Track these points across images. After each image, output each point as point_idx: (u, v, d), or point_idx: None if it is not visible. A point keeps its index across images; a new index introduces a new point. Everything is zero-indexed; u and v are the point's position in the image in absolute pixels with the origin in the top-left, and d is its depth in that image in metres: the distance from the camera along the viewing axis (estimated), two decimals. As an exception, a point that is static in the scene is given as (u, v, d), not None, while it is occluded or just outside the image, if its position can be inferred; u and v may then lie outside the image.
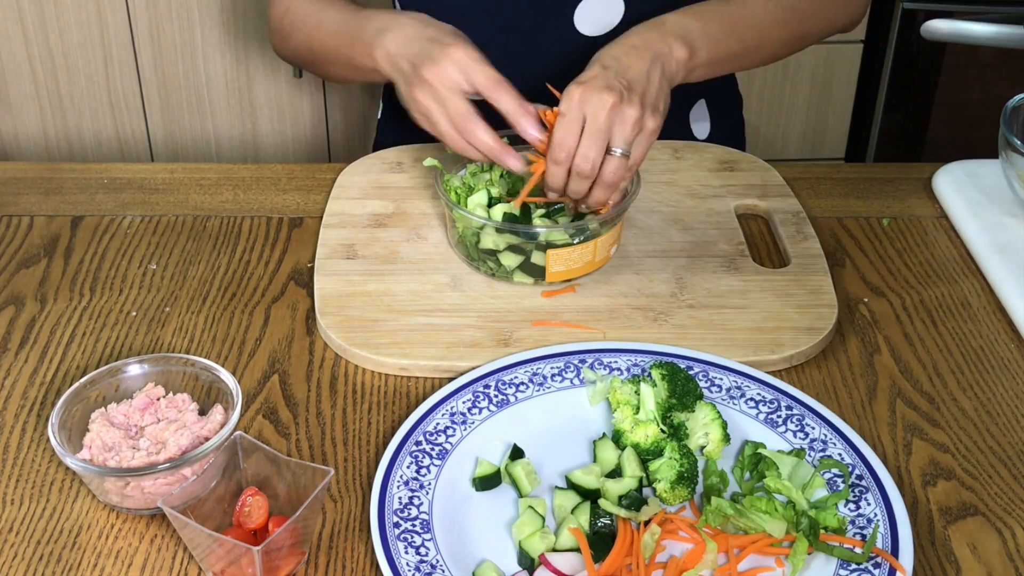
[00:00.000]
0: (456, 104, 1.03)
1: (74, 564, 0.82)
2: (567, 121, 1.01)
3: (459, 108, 1.03)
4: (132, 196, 1.26)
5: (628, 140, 1.02)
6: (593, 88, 1.01)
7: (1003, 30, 2.20)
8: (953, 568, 0.83)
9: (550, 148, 1.02)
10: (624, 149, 1.02)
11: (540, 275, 1.08)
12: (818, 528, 0.82)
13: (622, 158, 1.02)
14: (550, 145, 1.02)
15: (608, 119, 1.00)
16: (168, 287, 1.11)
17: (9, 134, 2.37)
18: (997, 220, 1.19)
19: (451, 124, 1.04)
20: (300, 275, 1.13)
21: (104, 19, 2.24)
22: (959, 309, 1.10)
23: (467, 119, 1.03)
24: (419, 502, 0.84)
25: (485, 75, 1.03)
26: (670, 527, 0.83)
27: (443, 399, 0.93)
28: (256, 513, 0.81)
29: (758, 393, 0.95)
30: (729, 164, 1.29)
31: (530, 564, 0.81)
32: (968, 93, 2.35)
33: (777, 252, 1.17)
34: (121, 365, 0.91)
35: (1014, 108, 1.18)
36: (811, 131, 2.50)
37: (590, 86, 1.01)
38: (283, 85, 2.34)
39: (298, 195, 1.27)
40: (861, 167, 1.35)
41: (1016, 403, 0.98)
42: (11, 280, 1.12)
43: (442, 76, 1.03)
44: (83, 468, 0.83)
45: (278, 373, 1.00)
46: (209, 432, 0.87)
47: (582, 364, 0.98)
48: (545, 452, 0.91)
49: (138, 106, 2.34)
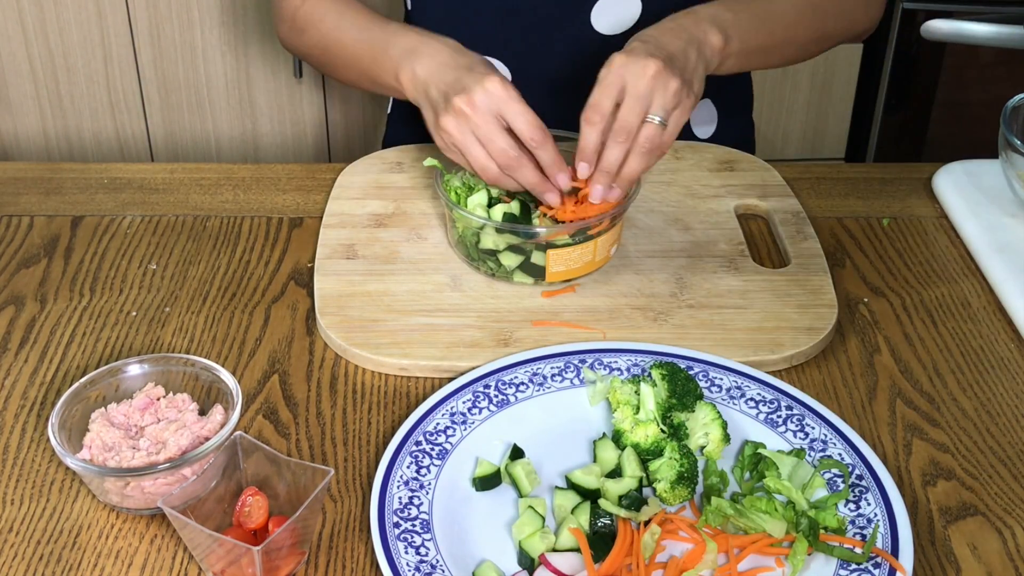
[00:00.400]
0: (500, 140, 1.01)
1: (74, 564, 0.82)
2: (605, 84, 1.00)
3: (503, 145, 1.01)
4: (132, 196, 1.26)
5: (668, 109, 1.00)
6: (636, 55, 1.00)
7: (1003, 30, 2.20)
8: (953, 568, 0.83)
9: (585, 109, 1.00)
10: (663, 117, 1.00)
11: (540, 275, 1.08)
12: (818, 528, 0.82)
13: (659, 126, 1.00)
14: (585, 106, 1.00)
15: (649, 85, 0.99)
16: (168, 287, 1.11)
17: (9, 134, 2.37)
18: (997, 220, 1.19)
19: (489, 158, 1.02)
20: (300, 275, 1.13)
21: (104, 19, 2.24)
22: (959, 309, 1.10)
23: (513, 157, 1.01)
24: (419, 502, 0.84)
25: (527, 121, 1.01)
26: (670, 527, 0.83)
27: (443, 399, 0.93)
28: (256, 513, 0.81)
29: (758, 393, 0.95)
30: (729, 164, 1.29)
31: (530, 564, 0.81)
32: (968, 93, 2.35)
33: (777, 252, 1.17)
34: (121, 365, 0.91)
35: (1014, 108, 1.18)
36: (811, 131, 2.50)
37: (633, 53, 1.00)
38: (283, 85, 2.34)
39: (298, 195, 1.27)
40: (861, 167, 1.35)
41: (1016, 403, 0.98)
42: (11, 280, 1.12)
43: (479, 109, 1.01)
44: (83, 468, 0.83)
45: (278, 373, 1.00)
46: (209, 432, 0.87)
47: (582, 364, 0.98)
48: (545, 452, 0.91)
49: (138, 106, 2.34)
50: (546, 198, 1.04)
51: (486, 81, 1.02)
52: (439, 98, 1.05)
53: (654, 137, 1.01)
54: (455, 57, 1.07)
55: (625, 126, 1.00)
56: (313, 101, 2.36)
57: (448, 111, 1.03)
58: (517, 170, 1.02)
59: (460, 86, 1.03)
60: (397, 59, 1.11)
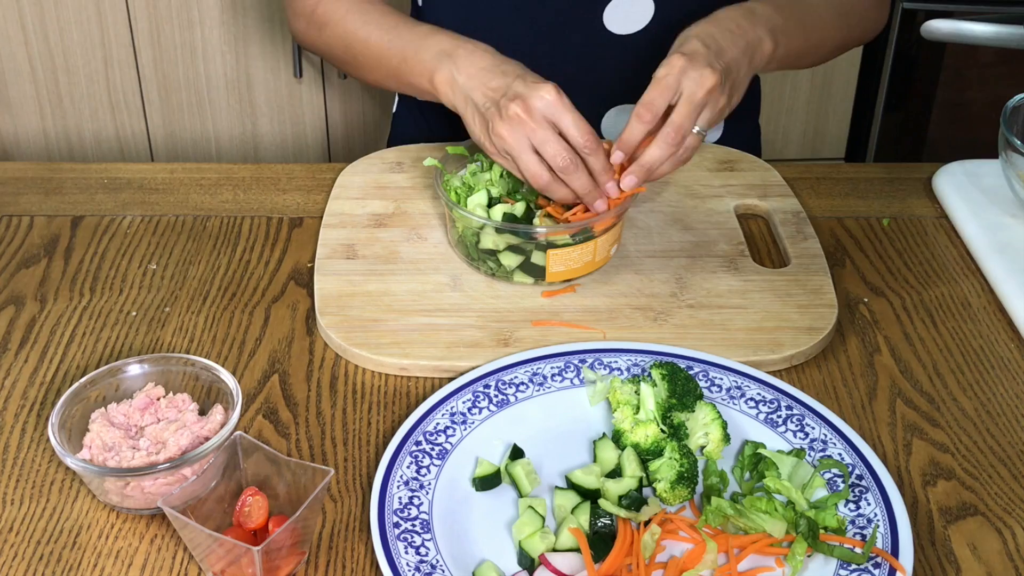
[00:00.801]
0: (556, 146, 1.01)
1: (74, 564, 0.82)
2: (663, 86, 1.01)
3: (560, 150, 1.01)
4: (132, 196, 1.26)
5: (711, 124, 1.03)
6: (698, 63, 1.01)
7: (1003, 30, 2.20)
8: (953, 568, 0.83)
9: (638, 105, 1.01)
10: (703, 130, 1.03)
11: (540, 275, 1.08)
12: (817, 529, 0.82)
13: (698, 136, 1.03)
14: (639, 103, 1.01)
15: (704, 99, 1.01)
16: (168, 287, 1.11)
17: (9, 134, 2.36)
18: (997, 220, 1.19)
19: (540, 164, 1.02)
20: (300, 275, 1.13)
21: (104, 19, 2.24)
22: (959, 309, 1.10)
23: (570, 161, 1.01)
24: (419, 502, 0.84)
25: (582, 129, 1.01)
26: (670, 527, 0.83)
27: (443, 399, 0.93)
28: (256, 513, 0.81)
29: (758, 393, 0.95)
30: (729, 164, 1.29)
31: (530, 564, 0.81)
32: (968, 93, 2.35)
33: (777, 252, 1.17)
34: (121, 365, 0.91)
35: (1014, 108, 1.18)
36: (811, 131, 2.50)
37: (695, 60, 1.01)
38: (283, 85, 2.34)
39: (298, 195, 1.27)
40: (861, 167, 1.35)
41: (1016, 403, 0.98)
42: (11, 280, 1.12)
43: (534, 114, 1.01)
44: (83, 468, 0.83)
45: (278, 373, 1.00)
46: (209, 432, 0.87)
47: (582, 364, 0.98)
48: (545, 452, 0.91)
49: (138, 106, 2.34)
50: (596, 205, 1.04)
51: (542, 88, 1.02)
52: (487, 104, 1.05)
53: (694, 148, 1.03)
54: (496, 61, 1.07)
55: (679, 130, 1.01)
56: (313, 101, 2.36)
57: (503, 117, 1.02)
58: (572, 174, 1.02)
59: (513, 93, 1.03)
60: (430, 62, 1.10)
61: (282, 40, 2.28)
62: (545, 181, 1.03)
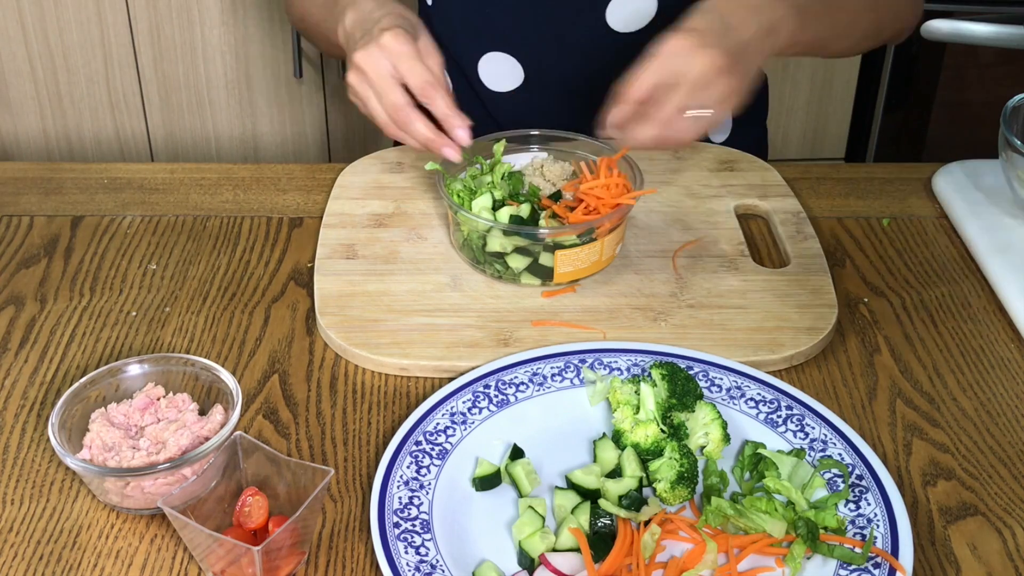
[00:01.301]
0: (391, 96, 1.01)
1: (74, 564, 0.82)
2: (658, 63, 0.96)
3: (394, 100, 1.01)
4: (132, 196, 1.26)
5: (718, 107, 0.98)
6: (706, 41, 0.96)
7: (1003, 30, 2.20)
8: (953, 568, 0.83)
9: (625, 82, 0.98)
10: (703, 113, 0.97)
11: (548, 276, 1.07)
12: (816, 530, 0.81)
13: (693, 120, 0.98)
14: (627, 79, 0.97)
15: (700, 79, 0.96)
16: (168, 287, 1.11)
17: (9, 134, 2.37)
18: (997, 220, 1.19)
19: (386, 113, 1.02)
20: (300, 275, 1.13)
21: (104, 19, 2.24)
22: (959, 309, 1.10)
23: (401, 111, 1.01)
24: (419, 502, 0.84)
25: (416, 74, 1.00)
26: (670, 527, 0.83)
27: (443, 399, 0.93)
28: (256, 513, 0.81)
29: (758, 393, 0.95)
30: (729, 164, 1.29)
31: (530, 564, 0.81)
32: (968, 93, 2.35)
33: (777, 252, 1.17)
34: (121, 365, 0.91)
35: (1014, 108, 1.18)
36: (811, 131, 2.50)
37: (693, 38, 0.96)
38: (283, 85, 2.34)
39: (298, 195, 1.27)
40: (861, 167, 1.35)
41: (1016, 403, 0.98)
42: (11, 280, 1.12)
43: (373, 64, 1.01)
44: (83, 468, 0.83)
45: (278, 373, 1.00)
46: (209, 432, 0.87)
47: (582, 364, 0.98)
48: (545, 452, 0.91)
49: (138, 106, 2.34)
50: (443, 152, 1.03)
51: (382, 36, 1.01)
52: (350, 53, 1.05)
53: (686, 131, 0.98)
54: (373, 11, 1.06)
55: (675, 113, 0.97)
56: (313, 101, 2.36)
57: (351, 66, 1.03)
58: (408, 125, 1.01)
59: (361, 40, 1.03)
60: (337, 16, 1.11)
61: (282, 40, 2.28)
62: (392, 131, 1.03)
